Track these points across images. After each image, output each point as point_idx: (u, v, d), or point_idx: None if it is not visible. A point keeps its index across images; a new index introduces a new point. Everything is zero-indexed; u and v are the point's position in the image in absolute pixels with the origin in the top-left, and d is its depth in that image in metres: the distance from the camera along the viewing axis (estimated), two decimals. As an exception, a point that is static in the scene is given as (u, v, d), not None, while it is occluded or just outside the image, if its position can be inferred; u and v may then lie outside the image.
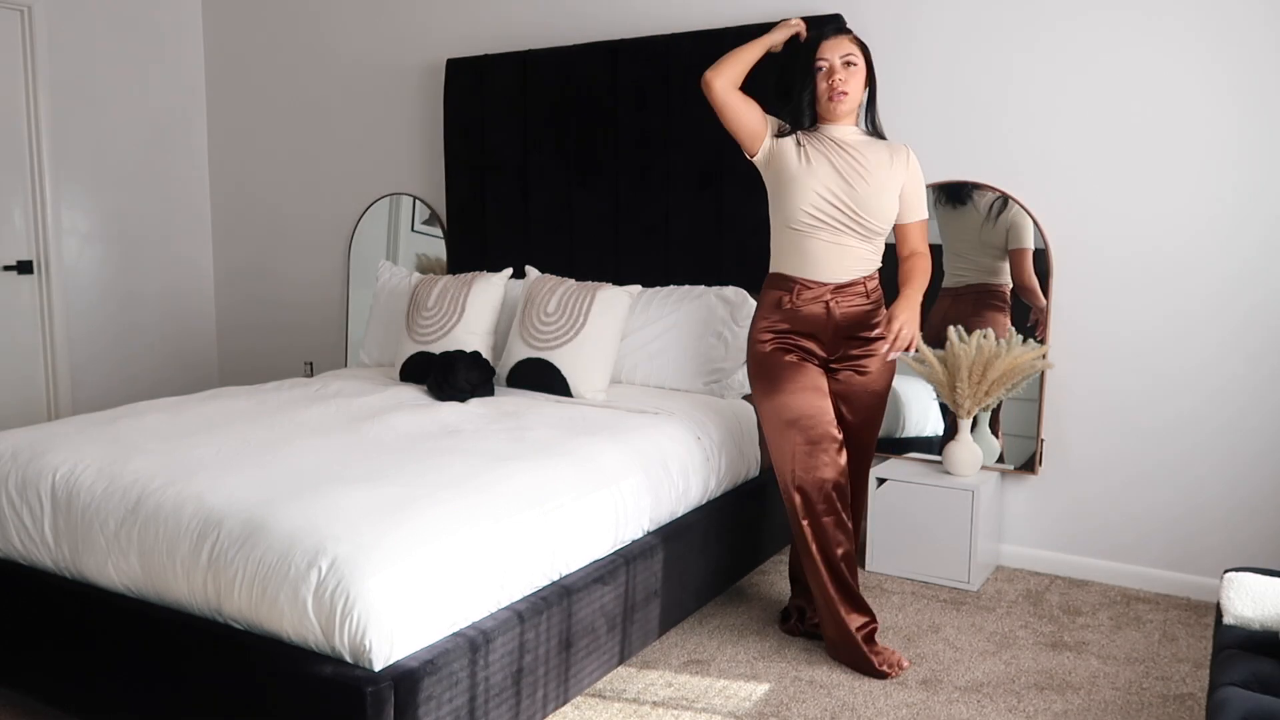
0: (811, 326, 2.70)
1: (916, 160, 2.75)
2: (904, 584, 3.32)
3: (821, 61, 2.67)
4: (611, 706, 2.50)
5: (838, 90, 2.65)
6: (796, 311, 2.70)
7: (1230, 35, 3.04)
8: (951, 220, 3.48)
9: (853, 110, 2.71)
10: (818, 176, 2.63)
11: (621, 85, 3.87)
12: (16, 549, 2.37)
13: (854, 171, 2.64)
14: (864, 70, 2.69)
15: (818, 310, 2.69)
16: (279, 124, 5.02)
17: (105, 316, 4.81)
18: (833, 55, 2.66)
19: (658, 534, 2.68)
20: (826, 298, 2.68)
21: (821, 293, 2.69)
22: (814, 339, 2.72)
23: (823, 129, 2.72)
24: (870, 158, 2.67)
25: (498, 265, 3.98)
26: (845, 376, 2.75)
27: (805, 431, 2.66)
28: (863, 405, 2.78)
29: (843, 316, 2.70)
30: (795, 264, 2.71)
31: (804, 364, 2.71)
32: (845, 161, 2.65)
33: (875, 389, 2.78)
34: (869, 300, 2.73)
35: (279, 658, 1.89)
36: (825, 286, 2.68)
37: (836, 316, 2.70)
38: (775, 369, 2.71)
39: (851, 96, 2.67)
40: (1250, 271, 3.08)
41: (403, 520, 2.00)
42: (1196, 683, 2.63)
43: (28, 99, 4.41)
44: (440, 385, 3.21)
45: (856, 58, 2.67)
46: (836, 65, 2.65)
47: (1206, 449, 3.19)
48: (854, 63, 2.67)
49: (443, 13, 4.44)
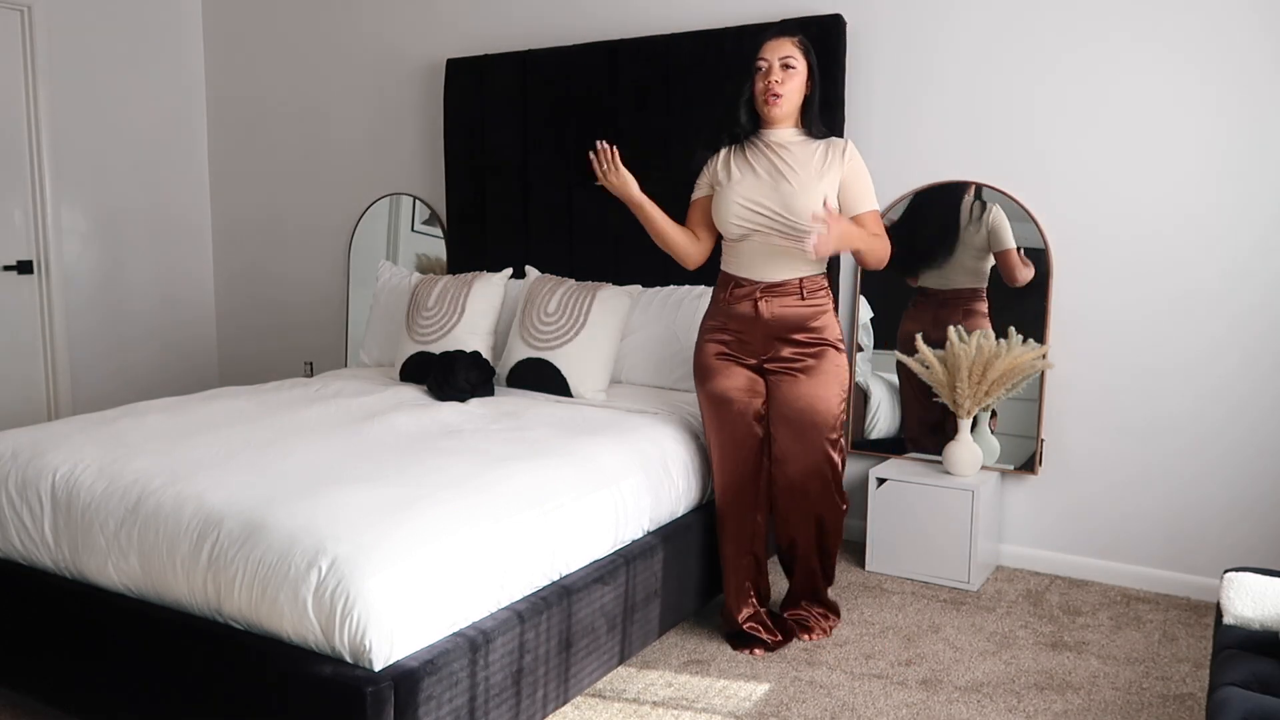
0: (742, 324, 2.76)
1: (856, 152, 2.74)
2: (904, 584, 3.32)
3: (761, 62, 2.71)
4: (611, 706, 2.50)
5: (772, 92, 2.68)
6: (730, 309, 2.77)
7: (1223, 39, 3.04)
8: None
9: (789, 113, 2.74)
10: (742, 187, 2.71)
11: (621, 85, 3.87)
12: (16, 549, 2.37)
13: (779, 173, 2.69)
14: (804, 73, 2.71)
15: (747, 309, 2.74)
16: (279, 124, 5.02)
17: (105, 316, 4.81)
18: (772, 56, 2.69)
19: (658, 534, 2.68)
20: (756, 295, 2.73)
21: (751, 290, 2.74)
22: (745, 336, 2.76)
23: (762, 134, 2.77)
24: (800, 157, 2.70)
25: (498, 265, 3.98)
26: (776, 379, 2.76)
27: (721, 424, 2.76)
28: (796, 408, 2.72)
29: (773, 316, 2.72)
30: (732, 263, 2.81)
31: (729, 364, 2.77)
32: (773, 164, 2.70)
33: (811, 391, 2.71)
34: (805, 302, 2.72)
35: (279, 658, 1.89)
36: (756, 285, 2.73)
37: (765, 316, 2.72)
38: (706, 364, 2.81)
39: (786, 99, 2.70)
40: (1249, 272, 3.08)
41: (403, 520, 2.00)
42: (1196, 683, 2.63)
43: (28, 99, 4.41)
44: (440, 385, 3.21)
45: (796, 60, 2.69)
46: (775, 66, 2.68)
47: (1206, 449, 3.18)
48: (793, 65, 2.69)
49: (443, 13, 4.44)
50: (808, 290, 2.73)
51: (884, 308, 3.62)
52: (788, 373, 2.74)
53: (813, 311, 2.73)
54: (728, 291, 2.79)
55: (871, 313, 3.64)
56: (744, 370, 2.78)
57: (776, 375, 2.75)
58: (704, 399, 2.82)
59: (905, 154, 3.52)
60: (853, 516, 3.61)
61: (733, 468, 2.78)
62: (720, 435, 2.78)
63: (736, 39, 3.62)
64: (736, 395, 2.76)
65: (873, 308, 3.63)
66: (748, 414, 2.77)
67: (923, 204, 3.51)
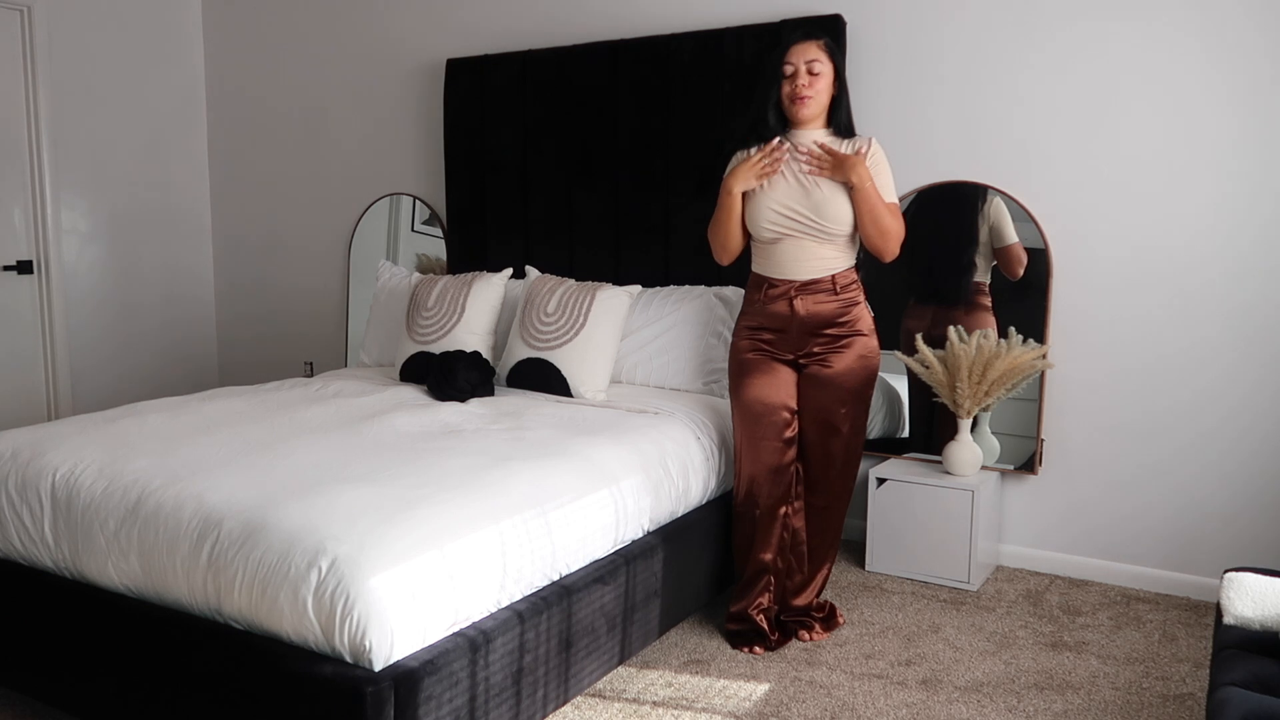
0: (778, 323, 2.81)
1: (879, 147, 2.78)
2: (904, 584, 3.32)
3: (787, 66, 2.76)
4: (611, 706, 2.50)
5: (800, 95, 2.73)
6: (765, 309, 2.82)
7: (1223, 40, 3.04)
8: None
9: (818, 115, 2.79)
10: (774, 193, 2.76)
11: (621, 85, 3.87)
12: (16, 549, 2.37)
13: (811, 178, 2.73)
14: (830, 75, 2.76)
15: (782, 308, 2.79)
16: (279, 124, 5.02)
17: (105, 316, 4.81)
18: (798, 60, 2.74)
19: (658, 534, 2.68)
20: (791, 294, 2.78)
21: (786, 289, 2.79)
22: (781, 334, 2.80)
23: (791, 134, 2.81)
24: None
25: (498, 265, 3.98)
26: (812, 371, 2.80)
27: (752, 431, 2.80)
28: (828, 399, 2.78)
29: (808, 314, 2.77)
30: (764, 265, 2.86)
31: (767, 360, 2.82)
32: (803, 168, 2.74)
33: (842, 384, 2.77)
34: (837, 297, 2.78)
35: (279, 658, 1.89)
36: (790, 284, 2.79)
37: (800, 313, 2.77)
38: (742, 363, 2.86)
39: (815, 101, 2.75)
40: (1249, 272, 3.08)
41: (403, 520, 2.00)
42: (1196, 683, 2.63)
43: (28, 99, 4.41)
44: (440, 385, 3.21)
45: (822, 64, 2.74)
46: (801, 70, 2.73)
47: (1206, 449, 3.18)
48: (818, 69, 2.73)
49: (443, 13, 4.44)
50: (840, 285, 2.78)
51: (887, 307, 3.61)
52: (824, 365, 2.79)
53: (845, 307, 2.79)
54: (762, 292, 2.83)
55: (873, 313, 3.62)
56: (780, 365, 2.82)
57: (813, 368, 2.80)
58: (737, 404, 2.85)
59: (905, 154, 3.51)
60: (853, 516, 3.62)
61: (760, 469, 2.81)
62: (751, 441, 2.82)
63: (737, 39, 3.62)
64: (770, 408, 2.80)
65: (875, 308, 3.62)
66: (779, 424, 2.81)
67: (924, 203, 3.51)
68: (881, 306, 3.62)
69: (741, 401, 2.84)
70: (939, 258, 3.53)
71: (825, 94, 2.77)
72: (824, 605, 2.97)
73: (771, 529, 2.84)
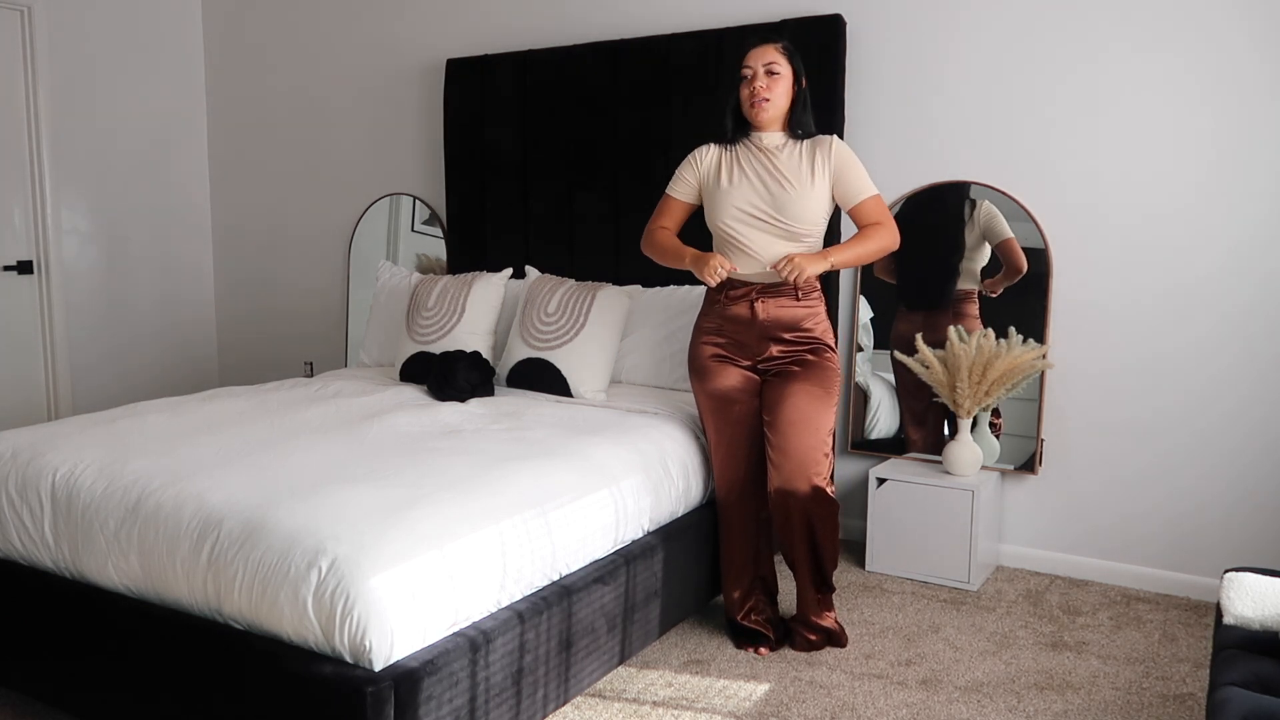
0: (737, 326, 2.78)
1: (842, 144, 2.77)
2: (904, 584, 3.32)
3: (745, 69, 2.76)
4: (611, 706, 2.50)
5: (759, 97, 2.73)
6: (725, 311, 2.80)
7: (1217, 40, 3.04)
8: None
9: (776, 117, 2.77)
10: (738, 192, 2.75)
11: (621, 85, 3.87)
12: (16, 549, 2.37)
13: (774, 179, 2.73)
14: (789, 78, 2.76)
15: (743, 311, 2.76)
16: (279, 124, 5.02)
17: (105, 316, 4.81)
18: (756, 63, 2.74)
19: (658, 534, 2.68)
20: (753, 297, 2.75)
21: (748, 292, 2.76)
22: (740, 338, 2.78)
23: (752, 136, 2.80)
24: (789, 162, 2.74)
25: (498, 265, 3.98)
26: (773, 379, 2.77)
27: (722, 424, 2.78)
28: (789, 406, 2.71)
29: (769, 318, 2.75)
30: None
31: (725, 365, 2.79)
32: (766, 169, 2.74)
33: (804, 389, 2.71)
34: (800, 303, 2.75)
35: (279, 658, 1.89)
36: (752, 287, 2.76)
37: (762, 317, 2.75)
38: (702, 366, 2.83)
39: (773, 104, 2.74)
40: (1249, 272, 3.08)
41: (403, 520, 2.00)
42: (1196, 683, 2.63)
43: (28, 99, 4.41)
44: (440, 385, 3.21)
45: (780, 66, 2.73)
46: (759, 72, 2.73)
47: (1206, 449, 3.18)
48: (777, 71, 2.73)
49: (443, 13, 4.44)
50: (803, 291, 2.76)
51: (884, 308, 3.62)
52: (780, 371, 2.76)
53: (807, 312, 2.76)
54: (723, 294, 2.80)
55: (871, 313, 3.64)
56: (740, 371, 2.79)
57: (769, 375, 2.78)
58: (703, 399, 2.83)
59: (905, 154, 3.52)
60: (853, 516, 3.62)
61: (735, 465, 2.80)
62: (721, 435, 2.80)
63: (736, 39, 3.62)
64: (738, 395, 2.78)
65: (873, 308, 3.63)
66: (749, 413, 2.78)
67: (920, 205, 3.51)
68: (880, 308, 3.63)
69: (708, 392, 2.80)
70: (926, 265, 3.53)
71: (784, 97, 2.75)
72: (826, 630, 2.85)
73: (749, 526, 2.82)
